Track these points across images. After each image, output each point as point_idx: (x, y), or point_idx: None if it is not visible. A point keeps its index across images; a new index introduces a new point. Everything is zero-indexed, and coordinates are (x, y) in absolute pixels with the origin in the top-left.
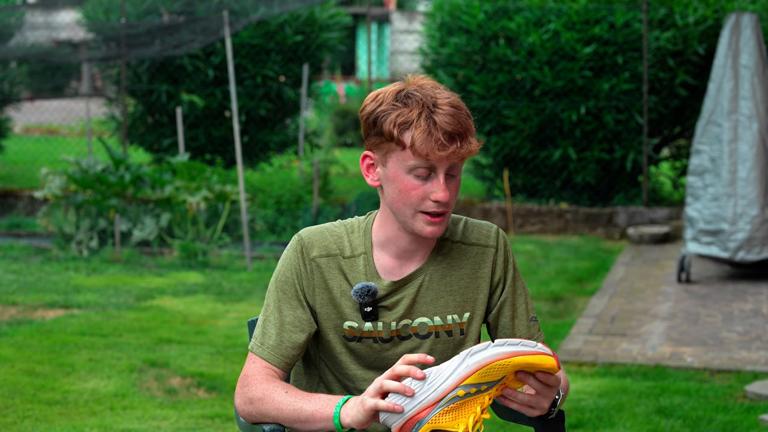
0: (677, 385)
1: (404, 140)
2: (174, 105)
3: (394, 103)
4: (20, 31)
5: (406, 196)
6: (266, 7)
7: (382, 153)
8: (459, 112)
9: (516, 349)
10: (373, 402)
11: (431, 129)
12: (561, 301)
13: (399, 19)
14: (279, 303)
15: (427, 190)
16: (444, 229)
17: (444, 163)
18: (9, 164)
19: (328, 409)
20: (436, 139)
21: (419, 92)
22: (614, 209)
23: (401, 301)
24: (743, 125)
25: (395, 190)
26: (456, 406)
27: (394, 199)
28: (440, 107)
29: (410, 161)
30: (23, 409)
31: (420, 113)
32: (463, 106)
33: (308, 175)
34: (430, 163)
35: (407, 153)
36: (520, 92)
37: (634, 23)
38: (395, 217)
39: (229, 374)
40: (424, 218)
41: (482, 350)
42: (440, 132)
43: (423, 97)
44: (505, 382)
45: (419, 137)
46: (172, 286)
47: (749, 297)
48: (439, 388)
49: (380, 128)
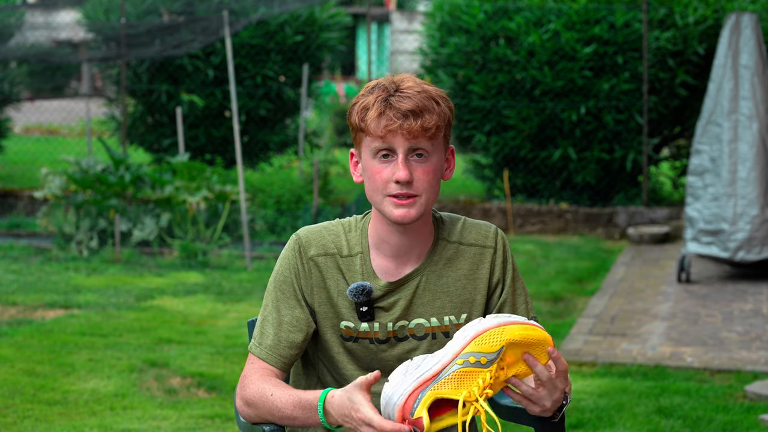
0: (677, 385)
1: (363, 124)
2: (174, 105)
3: (363, 94)
4: (20, 31)
5: (373, 182)
6: (266, 7)
7: (357, 145)
8: (420, 93)
9: (508, 320)
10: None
11: (384, 109)
12: (561, 301)
13: (399, 19)
14: (277, 303)
15: (390, 172)
16: (416, 215)
17: (401, 141)
18: (9, 164)
19: (316, 417)
20: (388, 117)
21: (386, 81)
22: (614, 209)
23: (398, 302)
24: (743, 125)
25: (368, 180)
26: (457, 375)
27: (368, 189)
28: (401, 90)
29: (372, 144)
30: (23, 409)
31: (377, 97)
32: (434, 92)
33: (308, 175)
34: (389, 144)
35: (369, 137)
36: (520, 92)
37: (634, 23)
38: (375, 208)
39: (229, 374)
40: (392, 201)
41: (474, 324)
42: (393, 111)
43: (388, 84)
44: (504, 359)
45: (372, 117)
46: (172, 286)
47: (749, 297)
48: (439, 363)
49: (350, 120)
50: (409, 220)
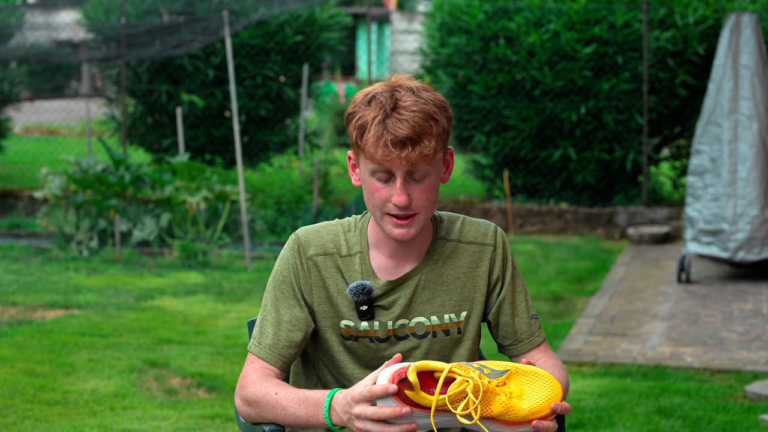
0: (677, 385)
1: (361, 144)
2: (174, 105)
3: (360, 105)
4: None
5: (371, 198)
6: (266, 7)
7: (356, 154)
8: (417, 115)
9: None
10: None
11: (382, 133)
12: (561, 301)
13: (399, 19)
14: (276, 302)
15: (388, 193)
16: (416, 232)
17: (398, 167)
18: (9, 164)
19: (320, 415)
20: (384, 143)
21: (384, 95)
22: (614, 209)
23: (398, 301)
24: (743, 125)
25: (366, 191)
26: (457, 365)
27: (366, 200)
28: (398, 111)
29: (369, 165)
30: (23, 409)
31: (374, 117)
32: (432, 108)
33: (308, 175)
34: (386, 167)
35: (366, 157)
36: (520, 92)
37: (634, 23)
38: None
39: (229, 374)
40: (391, 220)
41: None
42: (390, 137)
43: (385, 100)
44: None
45: (370, 141)
46: (172, 286)
47: (749, 297)
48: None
49: (349, 131)
50: (409, 238)
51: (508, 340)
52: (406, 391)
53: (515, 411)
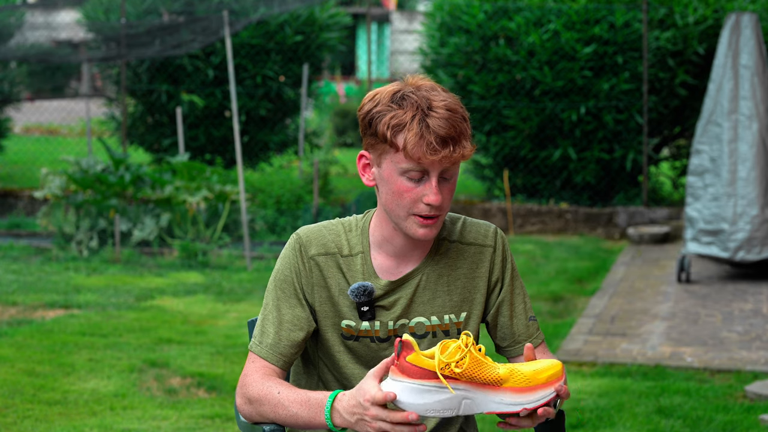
0: (677, 385)
1: (397, 143)
2: (174, 105)
3: (390, 104)
4: (20, 31)
5: (399, 198)
6: (266, 7)
7: (377, 153)
8: (454, 115)
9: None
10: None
11: (424, 132)
12: (561, 301)
13: (399, 19)
14: (278, 302)
15: (419, 192)
16: (437, 232)
17: (436, 166)
18: (9, 164)
19: (321, 417)
20: (428, 142)
21: (415, 94)
22: (614, 209)
23: (398, 301)
24: (743, 125)
25: (389, 192)
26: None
27: (388, 200)
28: (435, 110)
29: (403, 164)
30: (23, 409)
31: (414, 116)
32: (460, 108)
33: (308, 175)
34: (423, 167)
35: (400, 155)
36: (520, 92)
37: (634, 23)
38: (389, 217)
39: (229, 374)
40: (417, 220)
41: None
42: (433, 136)
43: (418, 99)
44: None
45: (411, 140)
46: (172, 286)
47: (749, 297)
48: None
49: (375, 129)
50: (431, 238)
51: (506, 342)
52: (407, 358)
53: (521, 372)
